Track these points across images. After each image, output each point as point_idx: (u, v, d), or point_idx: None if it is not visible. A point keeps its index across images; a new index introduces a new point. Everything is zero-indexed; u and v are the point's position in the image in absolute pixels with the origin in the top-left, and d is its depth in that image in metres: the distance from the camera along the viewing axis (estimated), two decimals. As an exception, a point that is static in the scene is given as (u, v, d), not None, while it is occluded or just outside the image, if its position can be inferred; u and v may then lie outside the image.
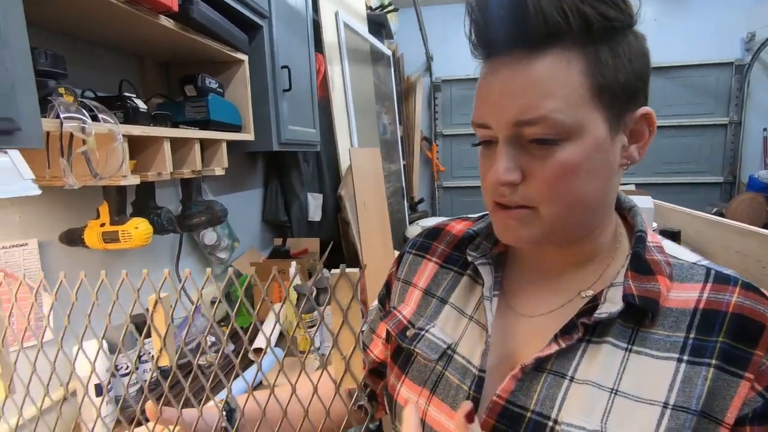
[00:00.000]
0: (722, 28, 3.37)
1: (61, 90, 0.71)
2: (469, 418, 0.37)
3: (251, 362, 1.15)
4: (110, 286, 0.43)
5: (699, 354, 0.38)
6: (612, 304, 0.40)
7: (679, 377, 0.38)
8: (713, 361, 0.38)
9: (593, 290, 0.45)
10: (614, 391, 0.39)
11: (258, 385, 1.02)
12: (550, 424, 0.40)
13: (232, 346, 1.24)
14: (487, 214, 0.57)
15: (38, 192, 0.53)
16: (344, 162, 1.89)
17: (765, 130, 3.42)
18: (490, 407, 0.43)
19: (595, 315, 0.40)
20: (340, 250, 1.90)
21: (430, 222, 2.81)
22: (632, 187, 2.12)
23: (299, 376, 0.47)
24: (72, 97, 0.72)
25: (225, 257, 1.44)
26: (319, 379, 0.46)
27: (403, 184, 2.96)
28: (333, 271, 0.41)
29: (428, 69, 3.69)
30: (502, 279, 0.51)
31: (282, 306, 0.48)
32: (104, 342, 0.47)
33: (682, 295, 0.41)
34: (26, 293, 0.47)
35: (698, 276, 0.42)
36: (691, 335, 0.39)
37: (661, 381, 0.38)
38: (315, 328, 1.16)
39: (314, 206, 1.88)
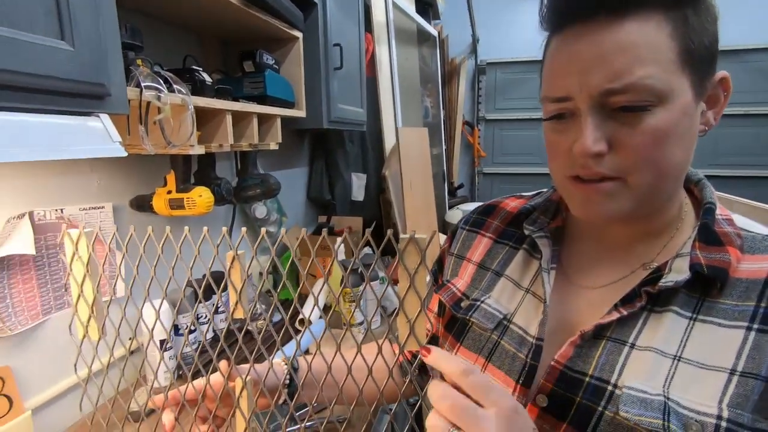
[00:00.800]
0: (801, 8, 3.08)
1: (139, 61, 0.75)
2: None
3: (297, 332, 1.20)
4: (192, 242, 0.47)
5: None
6: (678, 273, 0.40)
7: (749, 344, 0.37)
8: None
9: (657, 262, 0.44)
10: (677, 358, 0.39)
11: (305, 353, 1.06)
12: (610, 388, 0.41)
13: (278, 316, 1.30)
14: (542, 192, 0.57)
15: (125, 154, 0.57)
16: (389, 142, 1.89)
17: (844, 120, 3.12)
18: (549, 372, 0.44)
19: (660, 283, 0.40)
20: (382, 231, 1.93)
21: (471, 207, 2.79)
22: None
23: (363, 338, 0.49)
24: (148, 68, 0.76)
25: (274, 231, 1.49)
26: (382, 342, 0.48)
27: (444, 169, 2.94)
28: (403, 236, 0.42)
29: (473, 51, 3.60)
30: (560, 253, 0.51)
31: (324, 283, 0.50)
32: (167, 303, 0.51)
33: (754, 266, 0.40)
34: (101, 251, 0.52)
35: None
36: (763, 304, 0.38)
37: (729, 348, 0.38)
38: (367, 307, 1.19)
39: (358, 186, 1.90)
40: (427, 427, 0.35)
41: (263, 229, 0.45)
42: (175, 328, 0.94)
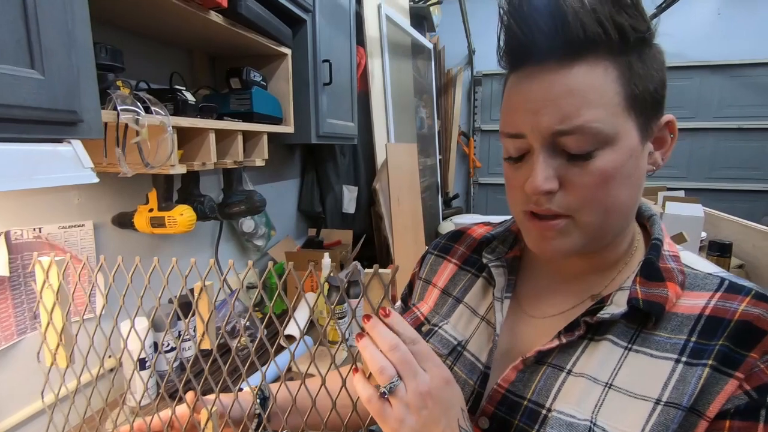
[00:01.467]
0: (795, 24, 3.10)
1: (119, 83, 0.76)
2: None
3: (283, 348, 1.19)
4: (161, 272, 0.47)
5: (698, 356, 0.39)
6: (617, 306, 0.42)
7: (675, 377, 0.39)
8: (710, 362, 0.38)
9: (603, 294, 0.46)
10: (608, 385, 0.40)
11: (287, 371, 1.05)
12: (544, 412, 0.42)
13: (265, 332, 1.29)
14: (507, 220, 0.58)
15: (96, 180, 0.57)
16: (380, 155, 1.90)
17: (838, 135, 3.14)
18: (491, 395, 0.46)
19: (598, 315, 0.42)
20: (372, 243, 1.92)
21: (464, 219, 2.78)
22: (681, 193, 2.01)
23: (329, 369, 0.49)
24: (128, 89, 0.76)
25: (261, 245, 1.49)
26: (347, 374, 0.48)
27: (438, 179, 2.94)
28: (367, 270, 0.42)
29: (470, 63, 3.62)
30: (516, 282, 0.53)
31: (317, 299, 0.50)
32: (145, 320, 0.51)
33: (690, 302, 0.41)
34: (84, 270, 0.51)
35: (710, 285, 0.42)
36: (693, 339, 0.39)
37: (657, 379, 0.39)
38: (347, 325, 1.18)
39: (349, 198, 1.90)
40: (374, 366, 0.38)
41: (250, 261, 0.44)
42: (141, 362, 0.94)
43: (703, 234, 1.57)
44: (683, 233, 1.31)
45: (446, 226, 2.67)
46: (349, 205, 1.91)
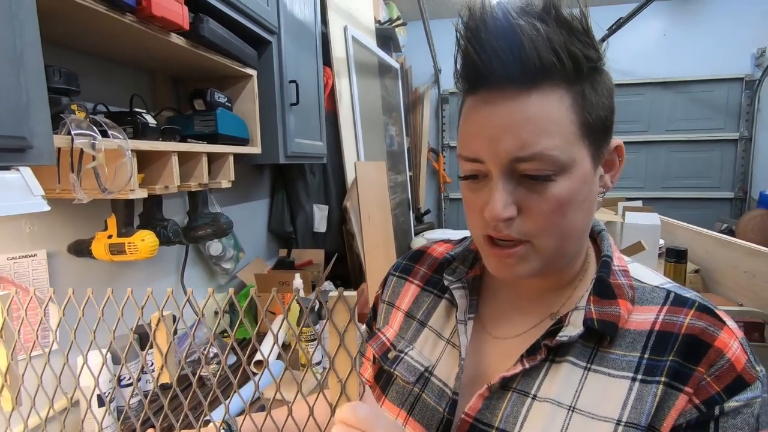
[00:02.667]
0: (732, 44, 3.36)
1: (74, 106, 0.73)
2: None
3: (254, 373, 1.15)
4: (115, 303, 0.44)
5: (651, 373, 0.40)
6: (573, 328, 0.43)
7: (633, 395, 0.40)
8: (663, 379, 0.39)
9: (561, 312, 0.46)
10: (572, 409, 0.41)
11: (257, 400, 1.02)
12: None
13: (234, 358, 1.25)
14: (466, 238, 0.59)
15: (47, 209, 0.55)
16: (350, 174, 1.90)
17: (776, 146, 3.38)
18: (459, 425, 0.45)
19: (557, 338, 0.43)
20: (345, 261, 1.91)
21: (436, 234, 2.81)
22: (639, 203, 2.10)
23: (295, 397, 0.48)
24: (84, 113, 0.74)
25: (230, 268, 1.45)
26: (314, 402, 0.47)
27: (410, 196, 2.97)
28: (332, 294, 0.42)
29: (436, 81, 3.72)
30: (478, 302, 0.53)
31: (282, 323, 0.49)
32: (103, 352, 0.48)
33: (641, 317, 0.43)
34: (34, 303, 0.48)
35: (658, 299, 0.44)
36: (646, 355, 0.41)
37: (616, 399, 0.40)
38: (314, 348, 1.16)
39: (320, 217, 1.89)
40: None
41: (210, 289, 0.43)
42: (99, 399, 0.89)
43: (661, 241, 1.65)
44: (642, 242, 1.37)
45: (419, 242, 2.69)
46: (320, 224, 1.89)
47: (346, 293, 0.45)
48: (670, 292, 0.44)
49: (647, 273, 0.47)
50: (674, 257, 1.34)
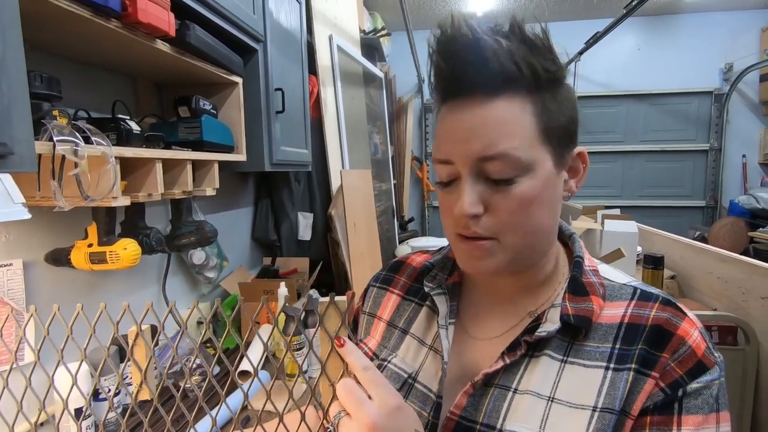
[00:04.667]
0: (702, 59, 3.51)
1: (55, 112, 0.72)
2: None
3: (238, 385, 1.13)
4: (86, 319, 0.43)
5: (622, 361, 0.43)
6: (551, 323, 0.45)
7: (606, 383, 0.43)
8: (633, 366, 0.43)
9: (539, 311, 0.49)
10: (551, 399, 0.44)
11: (243, 409, 1.00)
12: None
13: (218, 369, 1.22)
14: (444, 247, 0.61)
15: (28, 216, 0.53)
16: (335, 181, 1.90)
17: (744, 156, 3.54)
18: (445, 423, 0.47)
19: (536, 333, 0.45)
20: (330, 269, 1.90)
21: (420, 242, 2.82)
22: (617, 211, 2.16)
23: (285, 407, 0.47)
24: (66, 119, 0.73)
25: (213, 276, 1.43)
26: (305, 409, 0.46)
27: (394, 204, 2.98)
28: (321, 300, 0.42)
29: (420, 91, 3.76)
30: (458, 307, 0.54)
31: (271, 334, 0.48)
32: (83, 365, 0.47)
33: (611, 312, 0.46)
34: (3, 315, 0.47)
35: (626, 295, 0.47)
36: (617, 346, 0.44)
37: (591, 387, 0.43)
38: (304, 357, 1.15)
39: (304, 225, 1.88)
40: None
41: (194, 301, 0.42)
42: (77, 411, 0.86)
43: (639, 248, 1.70)
44: (621, 249, 1.41)
45: (403, 250, 2.70)
46: (305, 232, 1.88)
47: (338, 298, 0.46)
48: (637, 289, 0.47)
49: (614, 272, 0.51)
50: (652, 264, 1.38)
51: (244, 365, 1.15)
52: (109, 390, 0.88)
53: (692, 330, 0.43)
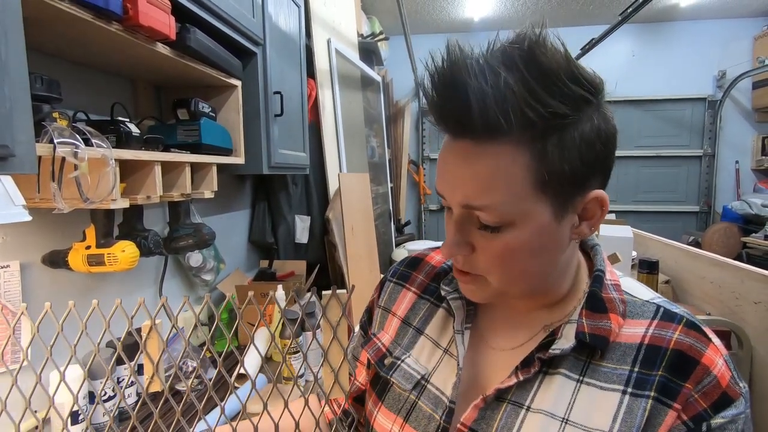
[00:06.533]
0: (696, 66, 3.55)
1: (55, 114, 0.72)
2: None
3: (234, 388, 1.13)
4: (78, 318, 0.43)
5: (641, 387, 0.41)
6: (566, 341, 0.44)
7: (623, 408, 0.41)
8: (652, 394, 0.40)
9: (554, 325, 0.47)
10: (565, 420, 0.42)
11: (237, 415, 0.99)
12: None
13: (213, 371, 1.22)
14: None
15: (28, 218, 0.53)
16: (333, 184, 1.90)
17: (737, 162, 3.57)
18: None
19: (550, 351, 0.44)
20: (327, 272, 1.90)
21: (417, 245, 2.83)
22: (612, 216, 2.18)
23: (282, 412, 0.47)
24: (66, 121, 0.73)
25: (210, 279, 1.43)
26: (303, 410, 0.47)
27: (390, 207, 2.98)
28: (324, 292, 0.44)
29: (417, 95, 3.78)
30: (476, 312, 0.54)
31: (272, 340, 0.49)
32: (79, 368, 0.47)
33: (631, 331, 0.44)
34: (2, 318, 0.47)
35: (648, 313, 0.45)
36: (636, 369, 0.42)
37: (607, 411, 0.41)
38: (303, 361, 1.15)
39: (301, 228, 1.88)
40: None
41: (184, 296, 0.43)
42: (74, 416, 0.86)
43: (634, 253, 1.71)
44: (617, 254, 1.42)
45: (400, 253, 2.70)
46: (302, 234, 1.88)
47: (339, 291, 0.48)
48: (660, 307, 0.45)
49: (638, 287, 0.48)
50: (647, 268, 1.39)
51: (242, 369, 1.14)
52: (104, 393, 0.87)
53: (717, 358, 0.41)
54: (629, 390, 0.41)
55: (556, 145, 0.38)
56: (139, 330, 0.46)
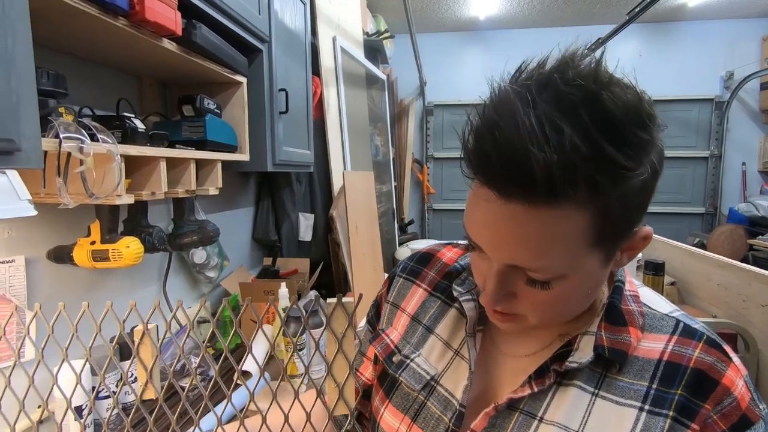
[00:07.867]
0: (703, 66, 3.53)
1: (61, 109, 0.72)
2: None
3: (239, 384, 1.13)
4: (92, 318, 0.43)
5: (659, 405, 0.40)
6: (583, 353, 0.43)
7: (639, 426, 0.40)
8: (671, 413, 0.39)
9: (570, 335, 0.46)
10: None
11: (244, 409, 0.99)
12: None
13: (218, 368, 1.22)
14: None
15: (34, 213, 0.53)
16: (337, 182, 1.90)
17: (744, 164, 3.54)
18: None
19: (566, 364, 0.42)
20: (330, 270, 1.90)
21: (420, 245, 2.82)
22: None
23: (292, 405, 0.47)
24: (71, 116, 0.73)
25: (214, 276, 1.43)
26: (312, 407, 0.46)
27: (394, 206, 2.98)
28: (329, 300, 0.41)
29: (421, 93, 3.77)
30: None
31: (277, 335, 0.48)
32: (82, 363, 0.47)
33: (649, 345, 0.43)
34: (5, 312, 0.47)
35: (667, 327, 0.44)
36: (654, 385, 0.41)
37: (623, 427, 0.40)
38: (310, 356, 1.15)
39: (305, 226, 1.88)
40: None
41: (202, 299, 0.42)
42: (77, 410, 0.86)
43: (639, 254, 1.70)
44: (622, 254, 1.41)
45: (403, 252, 2.70)
46: (306, 232, 1.88)
47: (345, 300, 0.45)
48: (680, 322, 0.44)
49: (657, 299, 0.47)
50: (652, 270, 1.38)
51: (246, 365, 1.14)
52: (109, 390, 0.87)
53: (738, 379, 0.40)
54: (647, 407, 0.40)
55: (618, 199, 0.35)
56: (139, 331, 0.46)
